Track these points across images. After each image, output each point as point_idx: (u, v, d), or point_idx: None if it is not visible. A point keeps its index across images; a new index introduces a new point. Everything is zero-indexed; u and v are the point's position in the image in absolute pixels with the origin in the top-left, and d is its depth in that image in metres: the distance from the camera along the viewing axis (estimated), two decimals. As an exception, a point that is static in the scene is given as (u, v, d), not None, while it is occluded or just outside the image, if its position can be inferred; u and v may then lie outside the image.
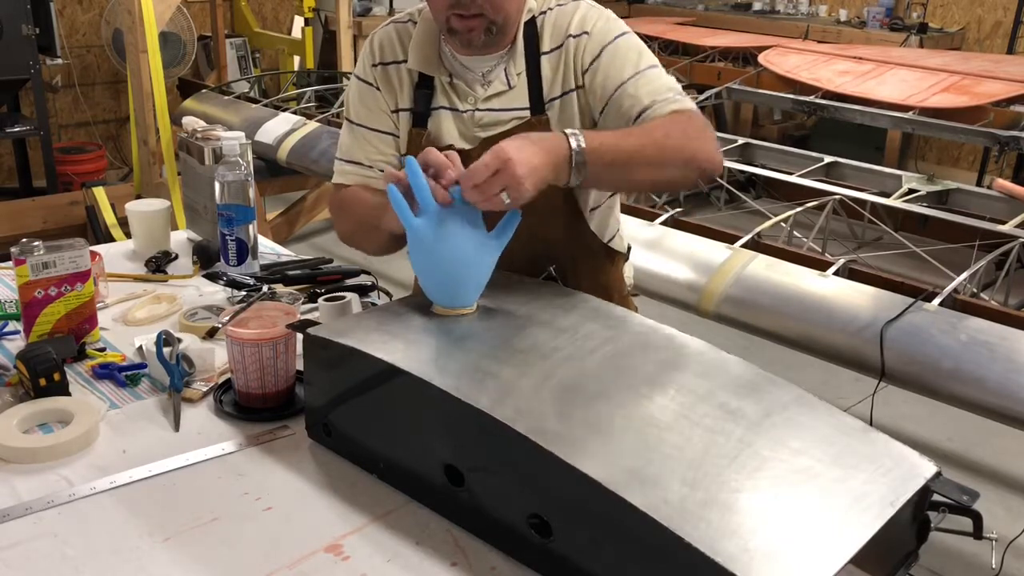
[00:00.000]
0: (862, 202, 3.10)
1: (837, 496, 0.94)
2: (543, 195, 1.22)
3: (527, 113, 1.41)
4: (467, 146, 1.43)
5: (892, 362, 2.13)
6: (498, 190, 1.16)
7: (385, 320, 1.25)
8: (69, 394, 1.32)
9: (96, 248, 1.77)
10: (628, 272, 1.65)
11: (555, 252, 1.50)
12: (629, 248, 1.65)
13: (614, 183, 1.42)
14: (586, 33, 1.39)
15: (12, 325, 1.55)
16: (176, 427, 1.28)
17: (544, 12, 1.42)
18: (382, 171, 1.46)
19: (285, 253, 1.99)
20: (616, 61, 1.38)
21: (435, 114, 1.44)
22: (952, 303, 2.26)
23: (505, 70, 1.41)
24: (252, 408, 1.31)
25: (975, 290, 2.50)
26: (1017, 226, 2.84)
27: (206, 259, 1.84)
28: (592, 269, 1.55)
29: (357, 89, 1.49)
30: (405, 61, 1.45)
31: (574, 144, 1.22)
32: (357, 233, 1.47)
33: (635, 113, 1.36)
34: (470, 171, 1.17)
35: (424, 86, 1.44)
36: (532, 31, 1.41)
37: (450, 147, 1.42)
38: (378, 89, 1.47)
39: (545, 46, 1.41)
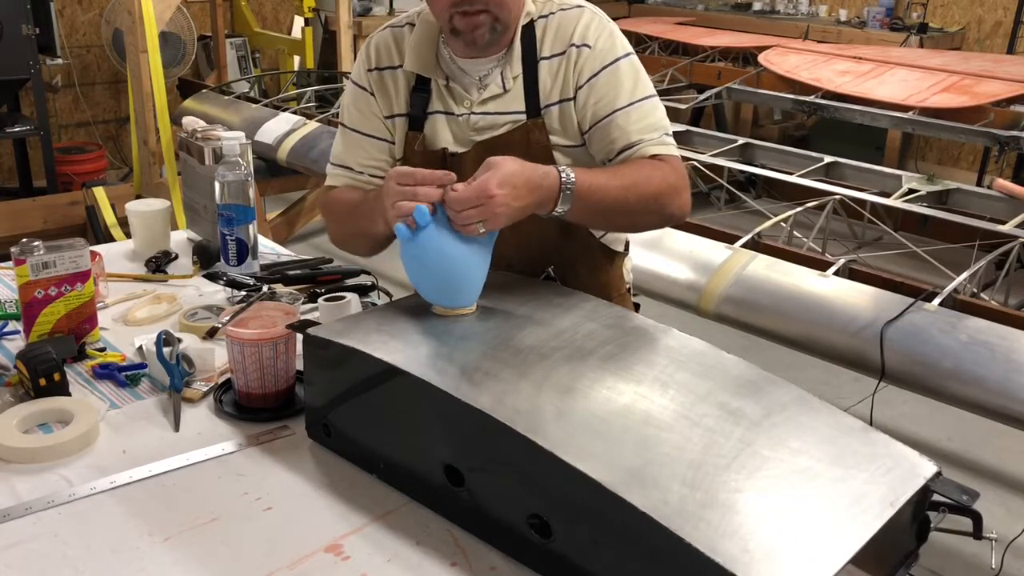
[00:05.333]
0: (862, 202, 3.09)
1: (837, 496, 0.94)
2: None
3: (523, 117, 1.40)
4: (461, 149, 1.43)
5: (892, 362, 2.12)
6: (475, 221, 1.18)
7: (385, 320, 1.25)
8: (69, 394, 1.32)
9: (96, 248, 1.77)
10: (627, 268, 1.65)
11: (553, 252, 1.50)
12: (627, 245, 1.65)
13: (592, 223, 1.44)
14: (587, 46, 1.38)
15: (12, 325, 1.55)
16: (176, 427, 1.28)
17: (545, 16, 1.40)
18: (372, 176, 1.47)
19: (285, 253, 1.99)
20: (613, 86, 1.37)
21: (431, 118, 1.44)
22: (952, 303, 2.26)
23: (501, 73, 1.40)
24: (252, 408, 1.31)
25: (975, 290, 2.50)
26: (1017, 226, 2.83)
27: (206, 259, 1.84)
28: (590, 268, 1.55)
29: (352, 93, 1.49)
30: (401, 66, 1.44)
31: (564, 179, 1.24)
32: (345, 236, 1.48)
33: (620, 146, 1.38)
34: (452, 199, 1.18)
35: (420, 89, 1.43)
36: (530, 34, 1.39)
37: (444, 151, 1.43)
38: (372, 95, 1.46)
39: (545, 51, 1.39)
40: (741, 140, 3.95)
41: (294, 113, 4.03)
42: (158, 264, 1.84)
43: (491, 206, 1.17)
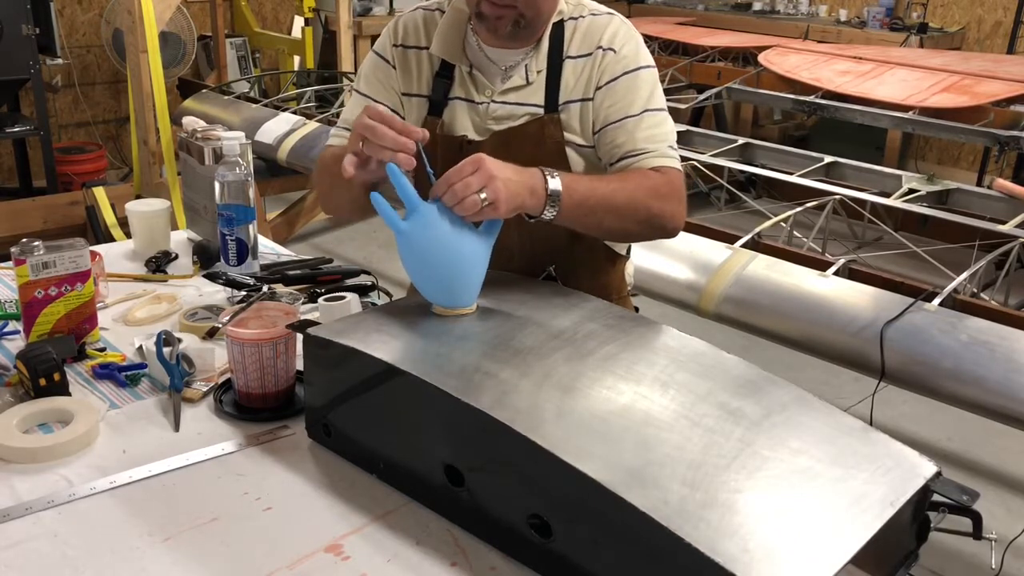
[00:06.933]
0: (862, 202, 3.10)
1: (837, 496, 0.94)
2: None
3: (540, 111, 1.42)
4: (479, 138, 1.44)
5: (892, 362, 2.12)
6: (474, 190, 1.16)
7: (385, 320, 1.25)
8: (69, 394, 1.32)
9: (96, 248, 1.77)
10: (629, 271, 1.65)
11: (555, 253, 1.50)
12: (629, 248, 1.65)
13: (583, 224, 1.40)
14: (613, 50, 1.41)
15: (12, 325, 1.55)
16: (176, 427, 1.28)
17: (576, 18, 1.43)
18: None
19: (285, 253, 1.99)
20: (630, 91, 1.40)
21: (451, 104, 1.45)
22: (952, 303, 2.26)
23: (527, 66, 1.42)
24: (252, 408, 1.31)
25: (975, 290, 2.50)
26: (1017, 226, 2.84)
27: (206, 259, 1.84)
28: (592, 270, 1.55)
29: (372, 63, 1.51)
30: (427, 48, 1.46)
31: (549, 179, 1.24)
32: (329, 191, 1.48)
33: (624, 151, 1.39)
34: (447, 174, 1.17)
35: (444, 75, 1.45)
36: (559, 33, 1.42)
37: (463, 137, 1.44)
38: (394, 68, 1.48)
39: (572, 51, 1.42)
40: (741, 140, 3.95)
41: (294, 113, 4.04)
42: (158, 264, 1.84)
43: (485, 168, 1.16)
